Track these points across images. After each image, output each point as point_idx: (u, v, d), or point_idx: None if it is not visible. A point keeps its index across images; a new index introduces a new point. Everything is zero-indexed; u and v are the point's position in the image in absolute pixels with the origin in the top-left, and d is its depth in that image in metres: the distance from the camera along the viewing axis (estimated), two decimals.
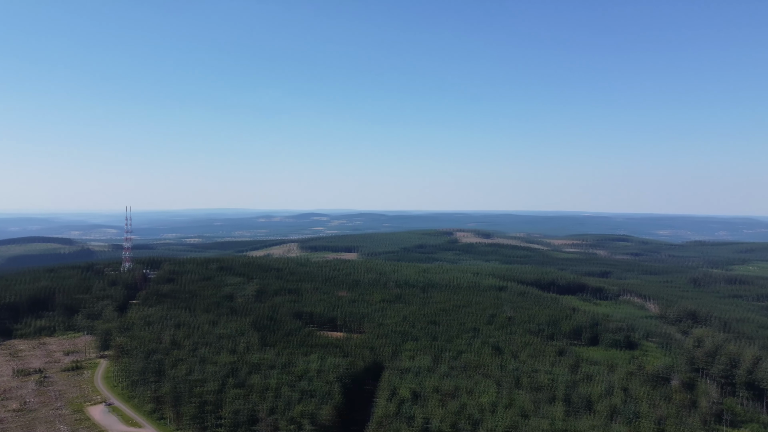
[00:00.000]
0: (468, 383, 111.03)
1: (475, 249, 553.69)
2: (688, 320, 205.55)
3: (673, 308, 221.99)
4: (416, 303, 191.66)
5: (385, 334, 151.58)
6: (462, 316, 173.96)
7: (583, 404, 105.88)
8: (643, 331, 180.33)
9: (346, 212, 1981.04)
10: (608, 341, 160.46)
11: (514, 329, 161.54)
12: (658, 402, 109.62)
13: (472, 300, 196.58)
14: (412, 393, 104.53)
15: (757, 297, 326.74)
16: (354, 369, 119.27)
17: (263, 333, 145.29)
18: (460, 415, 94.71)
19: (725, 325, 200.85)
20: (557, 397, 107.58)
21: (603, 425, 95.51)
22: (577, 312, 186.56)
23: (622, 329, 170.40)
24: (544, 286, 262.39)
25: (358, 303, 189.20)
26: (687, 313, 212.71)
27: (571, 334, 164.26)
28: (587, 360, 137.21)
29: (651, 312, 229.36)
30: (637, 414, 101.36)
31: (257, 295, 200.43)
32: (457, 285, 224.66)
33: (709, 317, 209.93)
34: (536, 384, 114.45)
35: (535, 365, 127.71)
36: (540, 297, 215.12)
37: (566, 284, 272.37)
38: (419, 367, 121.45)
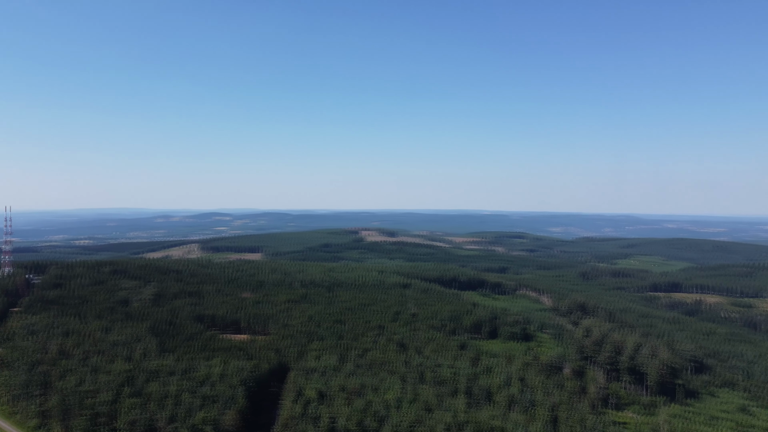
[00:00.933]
0: (374, 380, 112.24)
1: (380, 247, 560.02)
2: (578, 312, 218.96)
3: (564, 301, 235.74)
4: (322, 302, 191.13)
5: (291, 335, 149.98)
6: (367, 314, 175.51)
7: (484, 395, 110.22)
8: (538, 323, 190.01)
9: (250, 212, 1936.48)
10: (506, 334, 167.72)
11: (418, 325, 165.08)
12: (551, 390, 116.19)
13: (378, 298, 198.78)
14: (318, 393, 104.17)
15: (637, 288, 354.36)
16: (259, 372, 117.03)
17: (162, 338, 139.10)
18: (366, 413, 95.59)
19: (610, 315, 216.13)
20: (459, 390, 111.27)
21: (502, 414, 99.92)
22: (478, 307, 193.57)
23: (519, 322, 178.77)
24: (447, 282, 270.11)
25: (263, 304, 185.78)
26: (577, 305, 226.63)
27: (472, 329, 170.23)
28: (487, 353, 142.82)
29: (545, 305, 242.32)
30: (533, 402, 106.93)
31: (155, 298, 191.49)
32: (362, 283, 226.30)
33: (597, 308, 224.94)
34: (439, 378, 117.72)
35: (439, 360, 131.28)
36: (443, 293, 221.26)
37: (467, 280, 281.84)
38: (325, 366, 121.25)
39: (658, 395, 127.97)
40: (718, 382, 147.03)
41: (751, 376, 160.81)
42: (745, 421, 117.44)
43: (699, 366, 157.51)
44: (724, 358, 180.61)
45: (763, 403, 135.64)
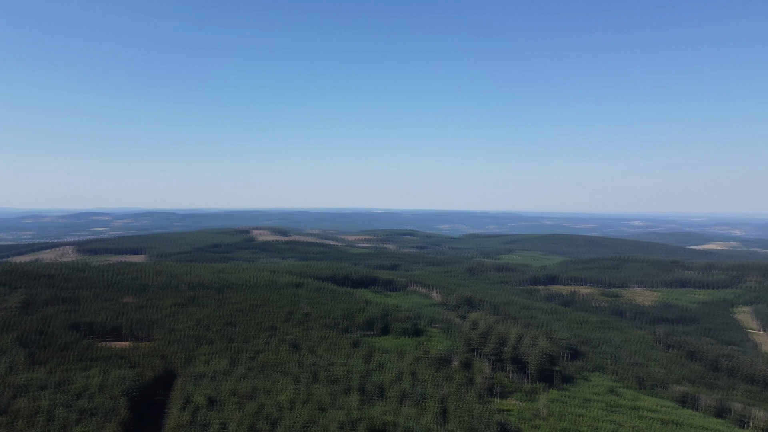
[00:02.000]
0: (266, 383, 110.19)
1: (272, 247, 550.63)
2: (465, 306, 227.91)
3: (452, 296, 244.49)
4: (211, 305, 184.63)
5: (178, 340, 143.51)
6: (259, 315, 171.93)
7: (377, 392, 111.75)
8: (428, 318, 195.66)
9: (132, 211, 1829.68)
10: (398, 330, 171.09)
11: (311, 325, 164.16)
12: (441, 382, 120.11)
13: (270, 298, 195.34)
14: (207, 399, 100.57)
15: (519, 282, 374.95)
16: (143, 380, 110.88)
17: (31, 349, 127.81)
18: (258, 416, 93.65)
19: (495, 308, 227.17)
20: (353, 388, 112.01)
21: (394, 409, 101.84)
22: (370, 304, 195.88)
23: (410, 318, 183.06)
24: (340, 280, 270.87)
25: (147, 309, 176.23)
26: (464, 299, 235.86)
27: (365, 326, 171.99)
28: (379, 349, 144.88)
29: (435, 300, 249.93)
30: (423, 395, 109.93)
31: (23, 306, 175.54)
32: (254, 284, 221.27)
33: (483, 302, 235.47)
34: (333, 377, 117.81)
35: (332, 358, 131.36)
36: (336, 292, 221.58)
37: (360, 278, 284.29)
38: (215, 371, 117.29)
39: (539, 382, 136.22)
40: (591, 367, 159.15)
41: (618, 360, 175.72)
42: (613, 401, 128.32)
43: (574, 353, 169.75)
44: (596, 344, 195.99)
45: (628, 384, 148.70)
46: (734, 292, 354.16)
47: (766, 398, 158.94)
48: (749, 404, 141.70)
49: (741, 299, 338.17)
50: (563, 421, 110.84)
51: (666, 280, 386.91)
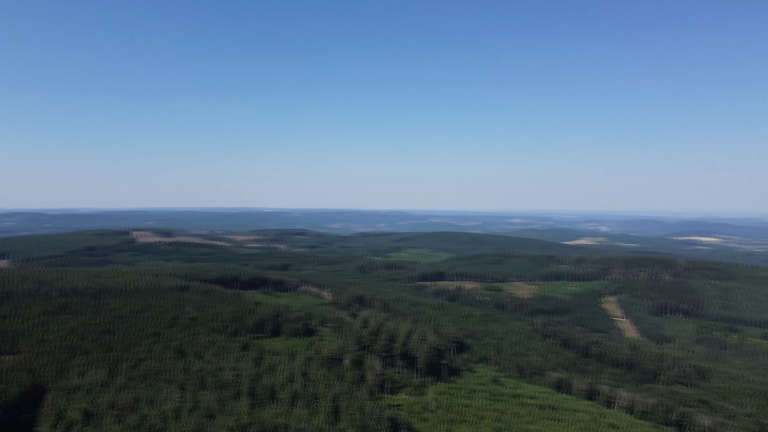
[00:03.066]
0: (149, 392, 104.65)
1: (155, 249, 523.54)
2: (356, 304, 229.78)
3: (344, 294, 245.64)
4: (87, 312, 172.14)
5: (48, 352, 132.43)
6: (141, 321, 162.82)
7: (267, 395, 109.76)
8: (320, 317, 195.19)
9: None
10: (289, 331, 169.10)
11: (198, 329, 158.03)
12: (333, 382, 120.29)
13: (153, 303, 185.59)
14: (82, 413, 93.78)
15: (408, 279, 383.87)
16: (7, 397, 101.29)
17: None
18: (140, 428, 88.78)
19: (386, 305, 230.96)
20: (242, 392, 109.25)
21: (285, 412, 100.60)
22: (260, 306, 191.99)
23: (301, 318, 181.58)
24: (228, 282, 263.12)
25: (11, 319, 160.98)
26: (355, 297, 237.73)
27: (255, 328, 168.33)
28: (270, 351, 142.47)
29: (326, 299, 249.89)
30: (315, 396, 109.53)
31: None
32: (135, 288, 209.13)
33: (373, 300, 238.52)
34: (221, 382, 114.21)
35: (220, 363, 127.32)
36: (224, 294, 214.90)
37: (249, 279, 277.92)
38: (91, 383, 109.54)
39: (427, 376, 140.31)
40: (476, 359, 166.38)
41: (501, 351, 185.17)
42: (496, 390, 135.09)
43: (460, 346, 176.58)
44: (480, 337, 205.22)
45: (510, 373, 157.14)
46: (602, 284, 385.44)
47: (630, 380, 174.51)
48: (615, 386, 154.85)
49: (607, 290, 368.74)
50: (450, 413, 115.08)
51: (543, 274, 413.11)
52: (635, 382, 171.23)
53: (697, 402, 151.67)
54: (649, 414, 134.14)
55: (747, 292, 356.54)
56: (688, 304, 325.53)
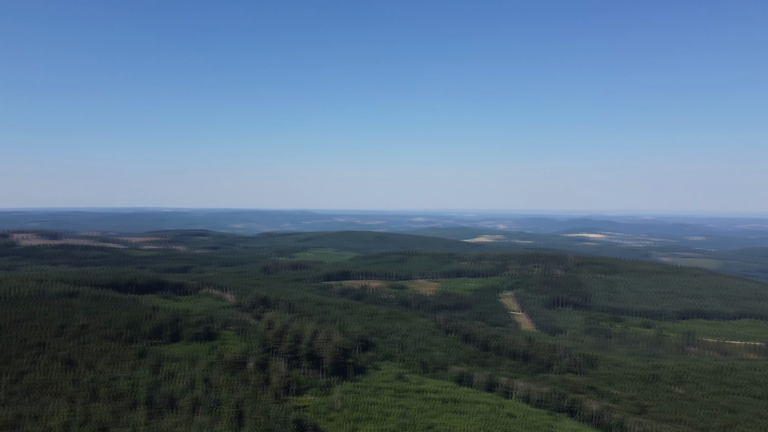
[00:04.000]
0: (33, 408, 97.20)
1: (39, 252, 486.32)
2: (260, 306, 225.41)
3: (247, 296, 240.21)
4: None
5: None
6: (23, 331, 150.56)
7: (167, 403, 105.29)
8: (222, 321, 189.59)
9: None
10: (190, 336, 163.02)
11: (89, 337, 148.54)
12: (236, 386, 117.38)
13: (37, 311, 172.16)
14: None
15: (313, 279, 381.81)
16: None
17: None
18: None
19: (291, 306, 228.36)
20: (139, 402, 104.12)
21: (186, 420, 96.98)
22: (158, 310, 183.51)
23: (203, 322, 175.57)
24: (123, 287, 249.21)
25: None
26: (259, 299, 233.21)
27: (153, 334, 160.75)
28: (169, 358, 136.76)
29: (229, 302, 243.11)
30: (218, 402, 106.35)
31: None
32: (15, 296, 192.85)
33: (278, 301, 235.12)
34: (116, 393, 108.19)
35: (114, 373, 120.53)
36: (118, 299, 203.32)
37: (146, 283, 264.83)
38: None
39: (333, 375, 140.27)
40: (381, 357, 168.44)
41: (405, 348, 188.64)
42: (401, 387, 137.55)
43: (366, 344, 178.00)
44: (385, 334, 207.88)
45: (414, 369, 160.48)
46: (500, 279, 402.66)
47: (526, 370, 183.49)
48: (513, 377, 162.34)
49: (505, 285, 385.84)
50: (356, 411, 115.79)
51: (445, 271, 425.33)
52: (531, 373, 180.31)
53: (586, 388, 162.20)
54: (544, 402, 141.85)
55: (628, 285, 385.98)
56: (577, 297, 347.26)
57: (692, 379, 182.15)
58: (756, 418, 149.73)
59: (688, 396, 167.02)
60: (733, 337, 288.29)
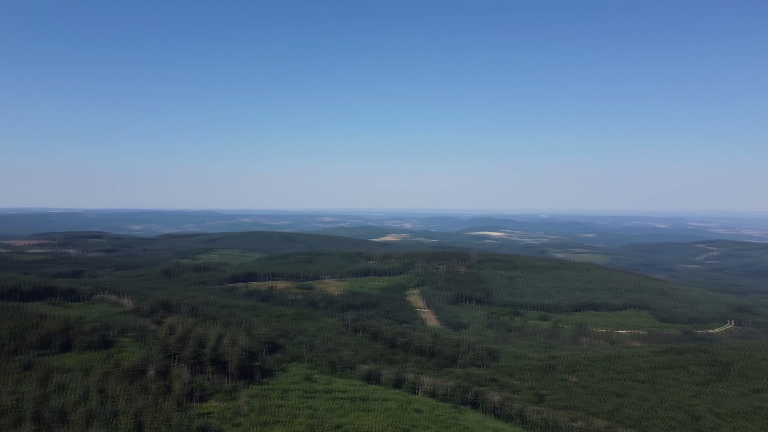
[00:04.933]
0: None
1: None
2: (161, 310, 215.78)
3: (147, 301, 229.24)
4: None
5: None
6: None
7: (57, 417, 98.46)
8: (119, 327, 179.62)
9: None
10: (83, 344, 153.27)
11: None
12: (135, 396, 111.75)
13: None
14: None
15: (218, 281, 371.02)
16: None
17: None
18: None
19: (194, 310, 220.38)
20: (25, 418, 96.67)
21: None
22: (47, 318, 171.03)
23: (97, 329, 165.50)
24: (6, 294, 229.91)
25: None
26: (160, 303, 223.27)
27: (40, 344, 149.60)
28: (60, 368, 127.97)
29: (126, 307, 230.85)
30: (115, 413, 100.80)
31: None
32: None
33: (180, 305, 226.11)
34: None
35: None
36: (0, 308, 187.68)
37: (32, 289, 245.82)
38: None
39: (240, 380, 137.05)
40: (288, 358, 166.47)
41: (314, 348, 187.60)
42: (310, 387, 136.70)
43: (273, 346, 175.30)
44: (293, 335, 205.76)
45: (322, 369, 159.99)
46: (406, 278, 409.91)
47: (432, 366, 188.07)
48: (419, 373, 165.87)
49: (411, 283, 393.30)
50: (264, 415, 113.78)
51: (353, 270, 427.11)
52: (437, 368, 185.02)
53: (489, 381, 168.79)
54: (449, 396, 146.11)
55: (527, 280, 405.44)
56: (480, 293, 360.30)
57: (584, 367, 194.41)
58: (640, 401, 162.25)
59: (580, 383, 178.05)
60: (620, 326, 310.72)
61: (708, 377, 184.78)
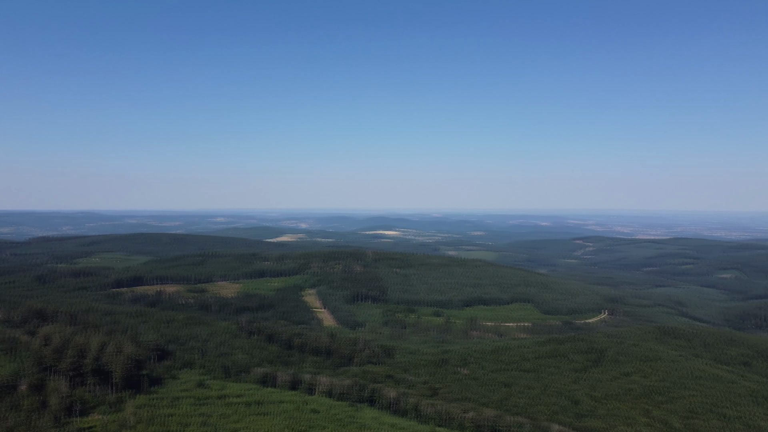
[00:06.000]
0: None
1: None
2: (35, 320, 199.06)
3: (17, 310, 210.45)
4: None
5: None
6: None
7: None
8: None
9: None
10: None
11: None
12: (5, 413, 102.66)
13: None
14: None
15: (101, 286, 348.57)
16: None
17: None
18: None
19: (73, 318, 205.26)
20: None
21: None
22: None
23: None
24: None
25: None
26: (33, 312, 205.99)
27: None
28: None
29: None
30: None
31: None
32: None
33: (57, 313, 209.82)
34: None
35: None
36: None
37: None
38: None
39: (125, 390, 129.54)
40: (179, 365, 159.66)
41: (206, 354, 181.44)
42: (202, 394, 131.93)
43: (162, 353, 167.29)
44: (184, 341, 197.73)
45: (216, 374, 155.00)
46: (303, 278, 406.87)
47: (329, 365, 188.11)
48: (316, 373, 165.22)
49: (308, 283, 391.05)
50: (152, 425, 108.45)
51: (247, 272, 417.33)
52: (334, 367, 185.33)
53: (385, 377, 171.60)
54: (346, 394, 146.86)
55: (421, 277, 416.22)
56: (376, 291, 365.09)
57: (475, 360, 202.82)
58: (526, 389, 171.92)
59: (472, 375, 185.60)
60: (508, 319, 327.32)
61: (586, 364, 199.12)
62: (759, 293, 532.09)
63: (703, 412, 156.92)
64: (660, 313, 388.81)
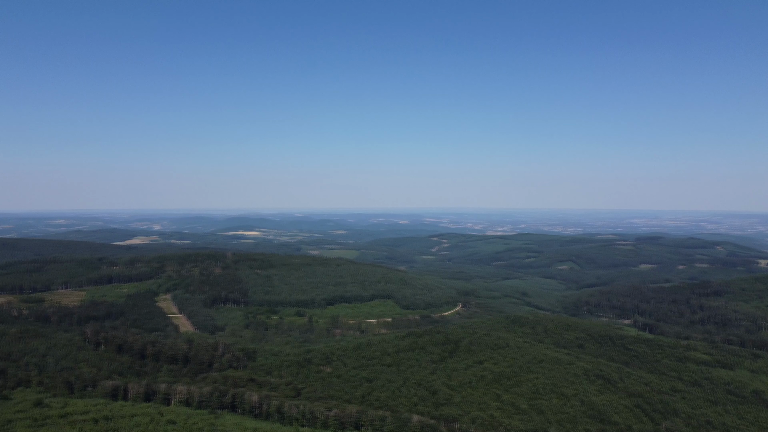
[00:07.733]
0: None
1: None
2: None
3: None
4: None
5: None
6: None
7: None
8: None
9: None
10: None
11: None
12: None
13: None
14: None
15: None
16: None
17: None
18: None
19: None
20: None
21: None
22: None
23: None
24: None
25: None
26: None
27: None
28: None
29: None
30: None
31: None
32: None
33: None
34: None
35: None
36: None
37: None
38: None
39: None
40: (12, 384, 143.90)
41: (45, 369, 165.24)
42: (41, 414, 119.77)
43: None
44: (17, 357, 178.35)
45: (57, 391, 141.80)
46: (156, 282, 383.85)
47: (187, 373, 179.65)
48: (172, 382, 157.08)
49: (162, 288, 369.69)
50: None
51: (93, 278, 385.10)
52: (192, 374, 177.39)
53: (247, 381, 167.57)
54: (206, 402, 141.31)
55: (283, 278, 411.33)
56: (236, 294, 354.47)
57: (338, 357, 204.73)
58: (387, 383, 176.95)
59: (335, 373, 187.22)
60: (369, 316, 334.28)
61: (442, 355, 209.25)
62: (590, 282, 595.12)
63: (545, 393, 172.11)
64: (508, 303, 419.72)
